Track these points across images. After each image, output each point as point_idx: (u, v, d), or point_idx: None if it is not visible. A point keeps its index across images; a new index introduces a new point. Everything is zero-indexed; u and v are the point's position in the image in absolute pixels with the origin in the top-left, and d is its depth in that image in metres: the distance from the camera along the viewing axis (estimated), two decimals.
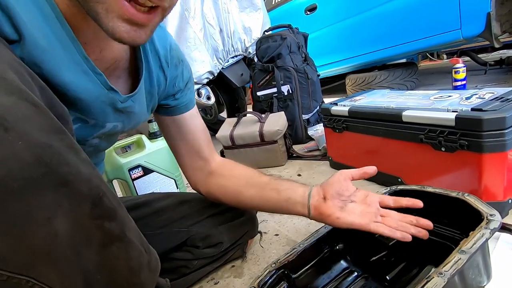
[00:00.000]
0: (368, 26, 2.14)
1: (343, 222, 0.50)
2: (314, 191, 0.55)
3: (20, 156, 0.25)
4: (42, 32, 0.34)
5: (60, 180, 0.27)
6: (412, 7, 1.87)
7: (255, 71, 1.69)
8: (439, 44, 1.88)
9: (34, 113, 0.27)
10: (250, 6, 1.83)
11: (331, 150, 1.16)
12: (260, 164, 1.36)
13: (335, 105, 1.06)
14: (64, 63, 0.36)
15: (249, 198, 0.60)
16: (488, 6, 1.55)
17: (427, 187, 0.58)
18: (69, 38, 0.36)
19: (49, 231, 0.27)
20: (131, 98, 0.48)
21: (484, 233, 0.42)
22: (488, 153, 0.62)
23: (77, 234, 0.29)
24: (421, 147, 0.75)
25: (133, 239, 0.36)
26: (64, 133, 0.29)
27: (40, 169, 0.26)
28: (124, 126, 0.52)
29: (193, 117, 0.63)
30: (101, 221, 0.31)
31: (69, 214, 0.28)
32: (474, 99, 0.71)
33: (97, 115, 0.44)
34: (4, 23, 0.30)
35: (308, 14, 2.54)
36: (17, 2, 0.31)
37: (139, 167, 0.99)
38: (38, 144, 0.26)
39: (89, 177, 0.30)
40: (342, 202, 0.52)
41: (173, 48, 0.55)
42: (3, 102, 0.25)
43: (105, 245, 0.32)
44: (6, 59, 0.28)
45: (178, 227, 0.66)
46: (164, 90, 0.56)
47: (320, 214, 0.52)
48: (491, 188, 0.65)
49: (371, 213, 0.51)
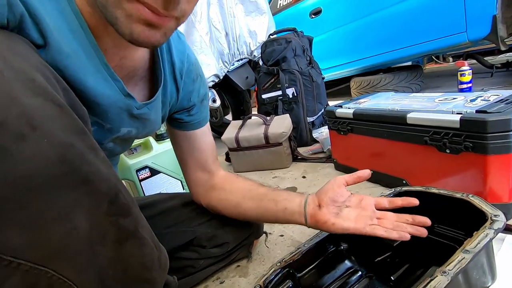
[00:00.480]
0: (373, 29, 2.15)
1: (338, 227, 0.51)
2: (310, 199, 0.56)
3: (45, 154, 0.26)
4: (66, 39, 0.35)
5: (82, 178, 0.29)
6: (417, 9, 1.87)
7: (260, 74, 1.70)
8: (444, 47, 1.87)
9: (59, 114, 0.28)
10: (255, 10, 1.85)
11: (336, 152, 1.16)
12: (265, 166, 1.37)
13: (340, 107, 1.06)
14: (85, 69, 0.38)
15: (249, 210, 0.61)
16: (494, 9, 1.54)
17: (432, 188, 0.59)
18: (91, 46, 0.38)
19: (68, 226, 0.28)
20: (147, 106, 0.49)
21: (488, 233, 0.43)
22: (493, 154, 0.62)
23: (94, 230, 0.31)
24: (426, 149, 0.76)
25: (146, 236, 0.38)
26: (85, 133, 0.31)
27: (63, 167, 0.27)
28: (139, 132, 0.53)
29: (204, 134, 0.64)
30: (117, 218, 0.33)
31: (88, 211, 0.30)
32: (479, 101, 0.72)
33: (113, 120, 0.45)
34: (32, 29, 0.32)
35: (313, 17, 2.56)
36: (45, 10, 0.33)
37: (146, 168, 1.01)
38: (62, 144, 0.27)
39: (108, 176, 0.32)
40: (337, 208, 0.52)
41: (193, 63, 0.57)
42: (31, 102, 0.26)
43: (120, 241, 0.33)
44: (34, 62, 0.29)
45: (185, 227, 0.67)
46: (176, 102, 0.57)
47: (316, 222, 0.53)
48: (496, 190, 0.65)
49: (366, 216, 0.51)
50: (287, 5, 2.88)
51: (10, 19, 0.30)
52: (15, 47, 0.29)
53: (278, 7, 3.00)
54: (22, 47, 0.30)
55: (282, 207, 0.57)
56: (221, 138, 1.40)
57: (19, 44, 0.30)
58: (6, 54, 0.27)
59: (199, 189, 0.66)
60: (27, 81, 0.27)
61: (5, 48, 0.28)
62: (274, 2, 3.05)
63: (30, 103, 0.26)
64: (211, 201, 0.66)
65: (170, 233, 0.66)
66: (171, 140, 0.67)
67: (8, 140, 0.24)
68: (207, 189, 0.66)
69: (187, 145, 0.64)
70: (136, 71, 0.48)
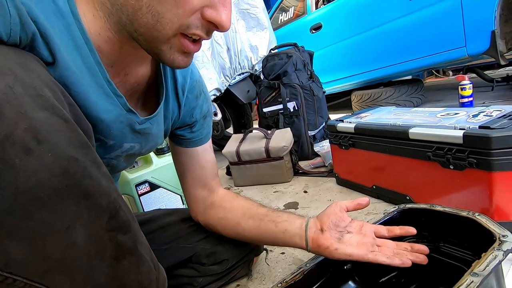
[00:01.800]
0: (373, 44, 2.18)
1: (341, 253, 0.50)
2: (311, 222, 0.55)
3: (49, 168, 0.27)
4: (72, 57, 0.36)
5: (83, 192, 0.29)
6: (417, 24, 1.90)
7: (261, 88, 1.71)
8: (444, 61, 1.89)
9: (65, 128, 0.29)
10: (256, 25, 1.88)
11: (338, 166, 1.15)
12: (266, 180, 1.36)
13: (341, 121, 1.06)
14: (89, 86, 0.39)
15: (247, 229, 0.60)
16: (492, 25, 1.56)
17: (436, 206, 0.57)
18: (95, 63, 0.39)
19: (67, 240, 0.28)
20: (149, 121, 0.50)
21: (497, 254, 0.41)
22: (498, 171, 0.61)
23: (93, 245, 0.30)
24: (429, 165, 0.75)
25: (144, 254, 0.37)
26: (89, 147, 0.31)
27: (65, 180, 0.28)
28: (142, 147, 0.53)
29: (205, 151, 0.64)
30: (115, 234, 0.32)
31: (87, 225, 0.30)
32: (481, 117, 0.71)
33: (116, 135, 0.46)
34: (42, 47, 0.33)
35: (314, 32, 2.60)
36: (53, 29, 0.34)
37: (146, 182, 1.00)
38: (65, 157, 0.28)
39: (108, 190, 0.32)
40: (339, 233, 0.52)
41: (196, 80, 0.58)
42: (39, 116, 0.27)
43: (117, 258, 0.33)
44: (43, 78, 0.30)
45: (184, 243, 0.66)
46: (177, 117, 0.57)
47: (318, 246, 0.52)
48: (502, 207, 0.64)
49: (367, 243, 0.51)
50: (288, 21, 2.94)
51: (23, 37, 0.31)
52: (26, 64, 0.30)
53: (279, 22, 3.06)
54: (33, 64, 0.31)
55: (282, 228, 0.56)
56: (222, 152, 1.40)
57: (29, 61, 0.31)
58: (17, 71, 0.28)
59: (198, 207, 0.65)
60: (36, 96, 0.28)
61: (16, 64, 0.29)
62: (275, 18, 3.11)
63: (37, 117, 0.27)
64: (209, 219, 0.64)
65: (169, 249, 0.65)
66: (172, 156, 0.66)
67: (14, 154, 0.25)
68: (206, 207, 0.65)
69: (188, 162, 0.63)
70: (139, 86, 0.49)
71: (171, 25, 0.36)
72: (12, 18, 0.29)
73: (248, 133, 1.45)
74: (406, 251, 0.50)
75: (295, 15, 2.86)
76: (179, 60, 0.40)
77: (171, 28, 0.36)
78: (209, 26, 0.37)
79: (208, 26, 0.38)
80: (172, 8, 0.35)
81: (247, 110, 2.13)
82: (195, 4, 0.35)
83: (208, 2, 0.36)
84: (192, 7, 0.35)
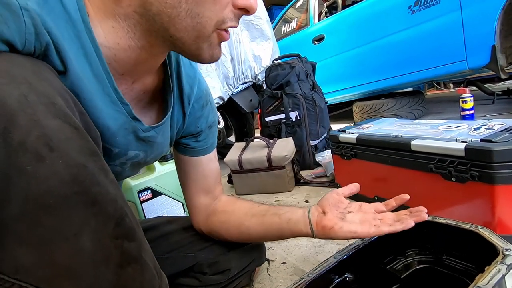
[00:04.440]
0: (374, 56, 2.20)
1: (347, 230, 0.51)
2: (313, 209, 0.56)
3: (60, 175, 0.27)
4: (81, 65, 0.37)
5: (91, 199, 0.30)
6: (419, 38, 1.93)
7: (264, 97, 1.73)
8: (446, 74, 1.91)
9: (75, 136, 0.30)
10: (260, 36, 1.91)
11: (339, 177, 1.16)
12: (268, 189, 1.36)
13: (343, 132, 1.07)
14: (96, 93, 0.39)
15: (252, 227, 0.60)
16: (492, 39, 1.59)
17: (439, 218, 0.57)
18: (103, 71, 0.39)
19: (74, 247, 0.29)
20: (155, 129, 0.50)
21: (501, 268, 0.41)
22: (500, 184, 0.62)
23: (99, 252, 0.30)
24: (431, 177, 0.75)
25: (148, 262, 0.37)
26: (98, 155, 0.32)
27: (74, 187, 0.28)
28: (147, 155, 0.53)
29: (210, 161, 0.64)
30: (121, 241, 0.33)
31: (94, 232, 0.30)
32: (483, 130, 0.72)
33: (121, 143, 0.46)
34: (55, 57, 0.34)
35: (316, 43, 2.64)
36: (65, 38, 0.35)
37: (148, 189, 1.00)
38: (75, 164, 0.29)
39: (115, 197, 0.32)
40: (340, 213, 0.54)
41: (203, 90, 0.59)
42: (51, 124, 0.28)
43: (122, 265, 0.33)
44: (56, 86, 0.31)
45: (185, 252, 0.65)
46: (182, 126, 0.58)
47: (323, 228, 0.53)
48: (505, 221, 0.64)
49: (370, 219, 0.53)
50: (291, 32, 2.98)
51: (37, 46, 0.32)
52: (39, 73, 0.31)
53: (282, 33, 3.10)
54: (46, 72, 0.32)
55: (286, 218, 0.57)
56: (224, 160, 1.40)
57: (43, 70, 0.32)
58: (31, 79, 0.29)
59: (201, 216, 0.65)
60: (49, 105, 0.29)
61: (31, 73, 0.30)
62: (279, 28, 3.16)
63: (49, 125, 0.28)
64: (212, 226, 0.64)
65: (171, 258, 0.64)
66: (176, 165, 0.66)
67: (26, 161, 0.26)
68: (209, 214, 0.65)
69: (192, 171, 0.63)
70: (144, 94, 0.49)
71: (210, 22, 0.38)
72: (27, 28, 0.30)
73: (250, 142, 1.45)
74: (406, 216, 0.52)
75: (298, 26, 2.90)
76: (218, 53, 0.42)
77: (210, 25, 0.38)
78: (240, 13, 0.40)
79: (239, 14, 0.40)
80: (211, 6, 0.37)
81: (250, 119, 2.15)
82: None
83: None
84: (226, 1, 0.38)
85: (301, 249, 0.84)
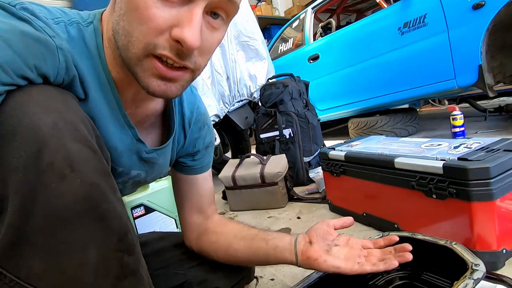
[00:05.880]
0: (367, 74, 2.27)
1: (330, 265, 0.51)
2: (300, 237, 0.57)
3: (76, 192, 0.31)
4: (97, 93, 0.43)
5: (100, 214, 0.33)
6: (409, 57, 1.99)
7: (258, 115, 1.77)
8: (436, 92, 1.96)
9: (93, 158, 0.34)
10: (255, 56, 1.98)
11: (330, 193, 1.18)
12: (261, 206, 1.37)
13: (332, 149, 1.10)
14: (108, 118, 0.45)
15: (239, 250, 0.61)
16: (478, 59, 1.64)
17: (417, 235, 0.59)
18: (114, 98, 0.45)
19: (81, 258, 0.32)
20: (157, 152, 0.54)
21: (468, 283, 0.43)
22: (476, 201, 0.64)
23: (101, 264, 0.33)
24: (414, 194, 0.77)
25: (144, 276, 0.39)
26: (109, 175, 0.36)
27: (87, 203, 0.32)
28: (147, 175, 0.57)
29: (205, 180, 0.67)
30: (122, 255, 0.35)
31: (99, 245, 0.33)
32: (461, 149, 0.75)
33: (125, 163, 0.50)
34: (78, 87, 0.40)
35: (311, 62, 2.72)
36: (86, 70, 0.41)
37: (142, 206, 1.02)
38: (90, 183, 0.32)
39: (121, 214, 0.36)
40: (327, 245, 0.54)
41: (202, 114, 0.63)
42: (74, 147, 0.32)
43: (120, 278, 0.35)
44: (80, 114, 0.36)
45: (176, 270, 0.66)
46: (182, 147, 0.62)
47: (307, 259, 0.54)
48: (484, 237, 0.66)
49: (355, 255, 0.53)
50: (287, 51, 3.07)
51: (65, 79, 0.38)
52: (67, 103, 0.36)
53: (279, 52, 3.20)
54: (71, 102, 0.37)
55: (273, 245, 0.57)
56: (218, 176, 1.42)
57: (69, 100, 0.37)
58: (61, 109, 0.34)
59: (192, 235, 0.67)
60: (74, 131, 0.33)
61: (60, 104, 0.34)
62: (276, 47, 3.26)
63: (73, 148, 0.32)
64: (202, 245, 0.65)
65: (162, 275, 0.65)
66: (172, 182, 0.69)
67: (51, 179, 0.30)
68: (200, 233, 0.66)
69: (187, 189, 0.66)
70: (147, 118, 0.53)
71: (137, 43, 0.37)
72: (60, 64, 0.36)
73: (244, 159, 1.48)
74: (391, 255, 0.52)
75: (295, 45, 3.00)
76: (154, 85, 0.39)
77: (138, 47, 0.37)
78: (177, 46, 0.37)
79: (177, 46, 0.37)
80: (138, 25, 0.36)
81: (245, 136, 2.19)
82: (160, 23, 0.36)
83: (176, 21, 0.36)
84: (157, 24, 0.36)
85: (290, 267, 0.85)
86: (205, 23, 0.38)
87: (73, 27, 0.41)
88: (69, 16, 0.41)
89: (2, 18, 0.33)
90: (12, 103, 0.31)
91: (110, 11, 0.42)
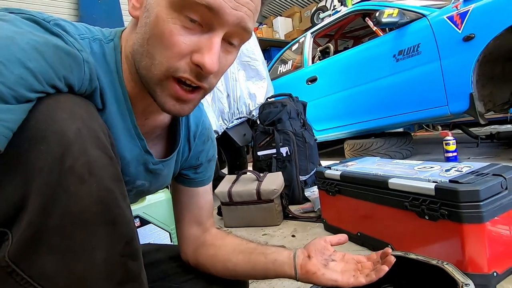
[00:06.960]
0: (363, 98, 2.33)
1: (328, 278, 0.53)
2: (299, 252, 0.58)
3: (92, 196, 0.33)
4: (113, 105, 0.45)
5: (111, 219, 0.35)
6: (404, 83, 2.07)
7: (256, 133, 1.81)
8: (429, 117, 2.02)
9: (109, 164, 0.36)
10: (256, 76, 2.04)
11: (325, 212, 1.19)
12: (256, 223, 1.37)
13: (328, 168, 1.12)
14: (121, 129, 0.47)
15: (238, 264, 0.61)
16: (469, 88, 1.71)
17: (410, 254, 0.60)
18: (127, 110, 0.47)
19: (90, 260, 0.33)
20: (163, 163, 0.56)
21: None
22: (467, 223, 0.66)
23: (107, 267, 0.34)
24: (407, 214, 0.79)
25: (145, 282, 0.40)
26: (122, 181, 0.38)
27: (101, 207, 0.34)
28: (151, 185, 0.58)
29: (205, 193, 0.68)
30: (126, 259, 0.37)
31: (108, 248, 0.34)
32: (452, 172, 0.77)
33: (132, 172, 0.52)
34: (98, 97, 0.43)
35: (309, 84, 2.79)
36: (106, 82, 0.44)
37: (137, 218, 1.02)
38: (105, 188, 0.34)
39: (129, 220, 0.38)
40: (324, 260, 0.56)
41: (206, 128, 0.65)
42: (94, 154, 0.34)
43: (122, 283, 0.36)
44: (100, 123, 0.39)
45: (171, 283, 0.66)
46: (186, 159, 0.64)
47: (306, 272, 0.54)
48: (475, 259, 0.67)
49: (350, 269, 0.55)
50: (286, 72, 3.16)
51: (88, 89, 0.40)
52: (90, 111, 0.38)
53: (278, 73, 3.29)
54: (93, 111, 0.39)
55: (272, 259, 0.58)
56: (215, 192, 1.43)
57: (91, 109, 0.39)
58: (84, 117, 0.36)
59: (190, 247, 0.67)
60: (94, 138, 0.35)
61: (84, 111, 0.37)
62: (275, 68, 3.35)
63: (93, 154, 0.34)
64: (200, 258, 0.65)
65: (157, 287, 0.65)
66: (172, 194, 0.69)
67: (71, 182, 0.32)
68: (198, 246, 0.66)
69: (187, 200, 0.66)
70: (155, 130, 0.56)
71: (160, 66, 0.40)
72: (85, 75, 0.38)
73: (241, 175, 1.49)
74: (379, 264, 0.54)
75: (294, 67, 3.09)
76: (170, 105, 0.43)
77: (160, 70, 0.40)
78: (197, 69, 0.40)
79: (196, 70, 0.40)
80: (162, 50, 0.39)
81: (243, 153, 2.21)
82: (182, 48, 0.39)
83: (196, 47, 0.39)
84: (179, 50, 0.39)
85: (284, 283, 0.84)
86: (222, 49, 0.42)
87: (96, 43, 0.44)
88: (93, 33, 0.45)
89: (38, 32, 0.36)
90: (42, 109, 0.34)
91: (131, 30, 0.45)
